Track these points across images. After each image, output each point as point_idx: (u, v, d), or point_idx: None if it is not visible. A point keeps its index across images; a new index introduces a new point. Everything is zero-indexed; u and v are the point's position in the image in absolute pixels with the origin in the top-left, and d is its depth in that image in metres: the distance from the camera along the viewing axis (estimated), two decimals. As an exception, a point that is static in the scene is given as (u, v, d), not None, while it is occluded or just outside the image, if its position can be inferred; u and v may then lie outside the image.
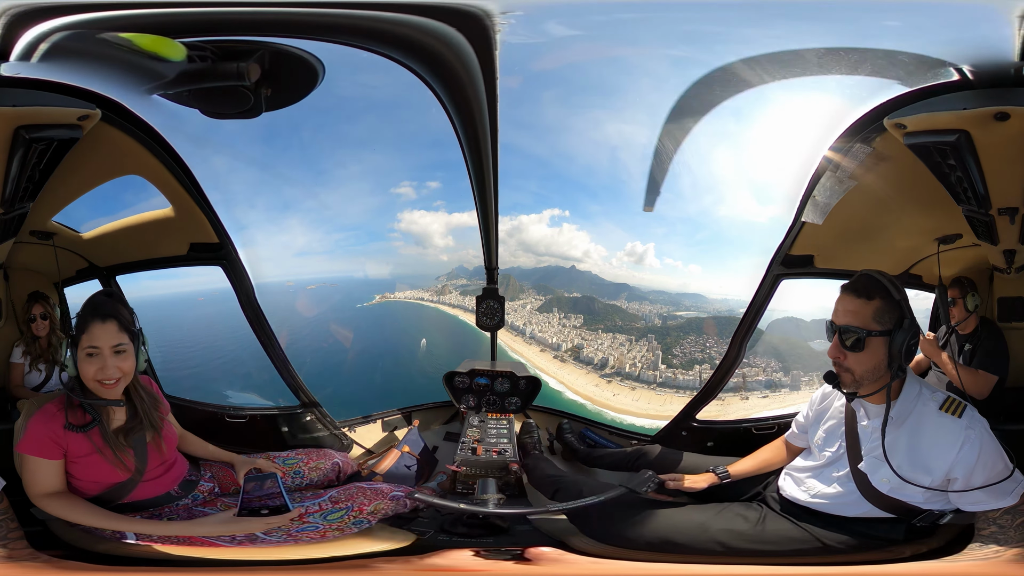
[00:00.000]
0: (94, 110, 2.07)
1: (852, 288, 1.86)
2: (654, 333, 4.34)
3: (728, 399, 3.21)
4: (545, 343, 4.97)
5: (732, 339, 2.86)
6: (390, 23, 2.10)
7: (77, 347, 1.85)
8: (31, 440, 1.85)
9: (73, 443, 1.87)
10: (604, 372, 4.47)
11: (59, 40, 1.93)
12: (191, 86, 2.15)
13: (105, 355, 1.85)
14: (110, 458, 1.91)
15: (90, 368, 1.85)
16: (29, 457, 1.85)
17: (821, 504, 2.02)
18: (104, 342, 1.84)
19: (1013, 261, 2.28)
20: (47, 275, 2.56)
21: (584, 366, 4.66)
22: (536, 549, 2.06)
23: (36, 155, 2.03)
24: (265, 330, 2.88)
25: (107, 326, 1.85)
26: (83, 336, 1.85)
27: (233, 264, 2.79)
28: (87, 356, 1.85)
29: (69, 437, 1.87)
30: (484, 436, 2.80)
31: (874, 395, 1.91)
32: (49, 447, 1.85)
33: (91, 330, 1.84)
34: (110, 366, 1.85)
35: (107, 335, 1.85)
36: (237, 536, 1.97)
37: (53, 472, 1.86)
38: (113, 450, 1.90)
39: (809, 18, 2.04)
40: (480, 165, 2.79)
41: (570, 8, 2.19)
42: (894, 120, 2.01)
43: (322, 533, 2.07)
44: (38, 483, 1.86)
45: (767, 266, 2.69)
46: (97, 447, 1.89)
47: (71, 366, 1.86)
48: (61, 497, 1.87)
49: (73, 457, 1.88)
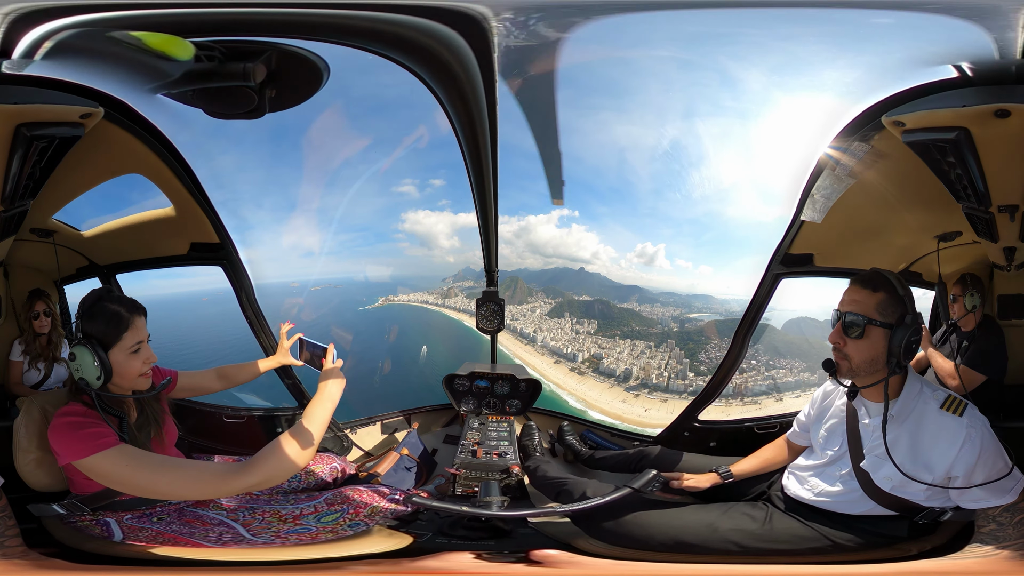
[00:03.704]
0: (97, 108, 2.08)
1: (860, 279, 1.90)
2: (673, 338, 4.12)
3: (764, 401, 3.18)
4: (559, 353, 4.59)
5: (733, 338, 2.86)
6: (391, 24, 2.12)
7: (110, 348, 1.80)
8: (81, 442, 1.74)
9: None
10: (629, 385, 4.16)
11: (63, 38, 1.93)
12: (196, 86, 2.16)
13: (147, 346, 1.88)
14: None
15: (137, 362, 1.84)
16: (98, 457, 1.73)
17: (825, 502, 2.02)
18: (144, 334, 1.88)
19: (1013, 258, 2.28)
20: (47, 273, 2.55)
21: (606, 379, 4.30)
22: (542, 552, 2.03)
23: (37, 152, 2.03)
24: (265, 331, 2.88)
25: (143, 318, 1.88)
26: (126, 334, 1.82)
27: (233, 264, 2.79)
28: (132, 353, 1.83)
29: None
30: (484, 439, 2.79)
31: (874, 393, 1.93)
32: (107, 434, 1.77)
33: (136, 325, 1.84)
34: (152, 355, 1.89)
35: (144, 327, 1.88)
36: (224, 537, 1.96)
37: (133, 453, 1.77)
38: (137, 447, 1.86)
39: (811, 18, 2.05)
40: (480, 166, 2.81)
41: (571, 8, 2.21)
42: (893, 117, 2.01)
43: (314, 535, 2.05)
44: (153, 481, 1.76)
45: (767, 265, 2.70)
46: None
47: (102, 373, 1.79)
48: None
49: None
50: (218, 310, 2.88)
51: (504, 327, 3.37)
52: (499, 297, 3.34)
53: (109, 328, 1.80)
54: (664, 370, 4.04)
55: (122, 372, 1.82)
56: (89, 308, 1.82)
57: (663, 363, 4.07)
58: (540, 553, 2.03)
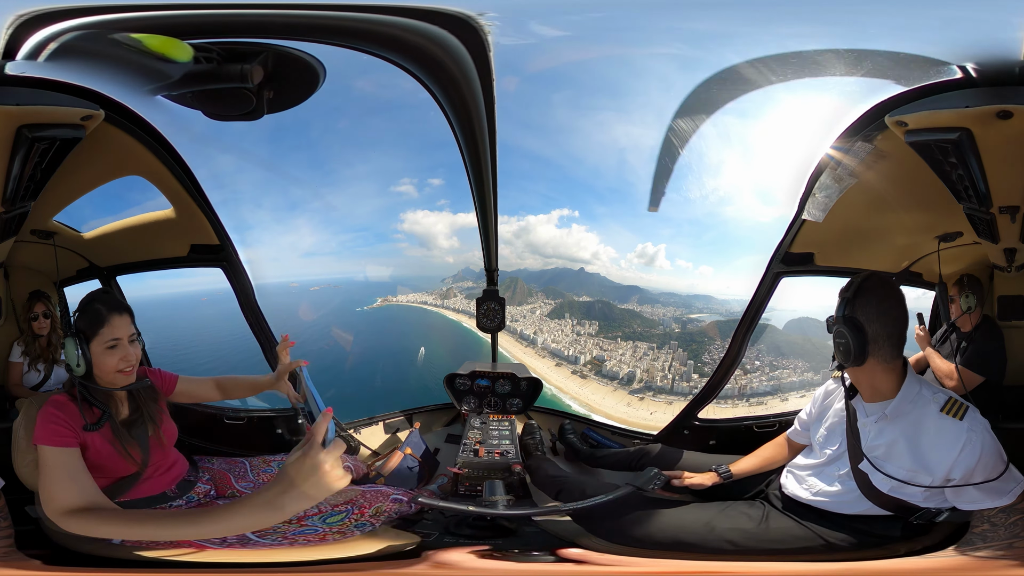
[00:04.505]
0: (97, 110, 2.08)
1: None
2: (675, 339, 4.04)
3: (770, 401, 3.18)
4: (560, 356, 4.48)
5: (733, 337, 2.86)
6: (387, 26, 2.12)
7: (91, 343, 1.90)
8: (46, 431, 1.81)
9: (89, 438, 1.88)
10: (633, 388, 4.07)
11: (65, 41, 1.94)
12: (195, 87, 2.16)
13: (125, 345, 1.93)
14: (120, 450, 1.93)
15: (112, 359, 1.91)
16: (48, 449, 1.79)
17: (822, 502, 2.03)
18: (123, 332, 1.93)
19: (1013, 259, 2.29)
20: (47, 274, 2.56)
21: (609, 382, 4.21)
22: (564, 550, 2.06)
23: (38, 154, 2.04)
24: (265, 332, 2.88)
25: (124, 318, 1.94)
26: (103, 330, 1.90)
27: (233, 266, 2.79)
28: (108, 349, 1.91)
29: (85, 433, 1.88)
30: (486, 438, 2.79)
31: (869, 393, 1.94)
32: (67, 436, 1.83)
33: (112, 322, 1.91)
34: (131, 354, 1.93)
35: (125, 326, 1.94)
36: (228, 538, 1.96)
37: (74, 460, 1.80)
38: (122, 443, 1.93)
39: (812, 17, 2.05)
40: (479, 166, 2.80)
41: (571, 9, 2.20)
42: (896, 118, 2.02)
43: (321, 536, 2.06)
44: (58, 480, 1.75)
45: (767, 264, 2.70)
46: (107, 439, 1.91)
47: (83, 364, 1.89)
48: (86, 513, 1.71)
49: (89, 453, 1.88)
50: (218, 310, 2.88)
51: (504, 326, 3.37)
52: (500, 296, 3.35)
53: (90, 324, 1.90)
54: (668, 372, 3.98)
55: (99, 366, 1.91)
56: (80, 305, 1.94)
57: (666, 365, 4.01)
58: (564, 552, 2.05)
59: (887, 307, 1.86)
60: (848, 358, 1.89)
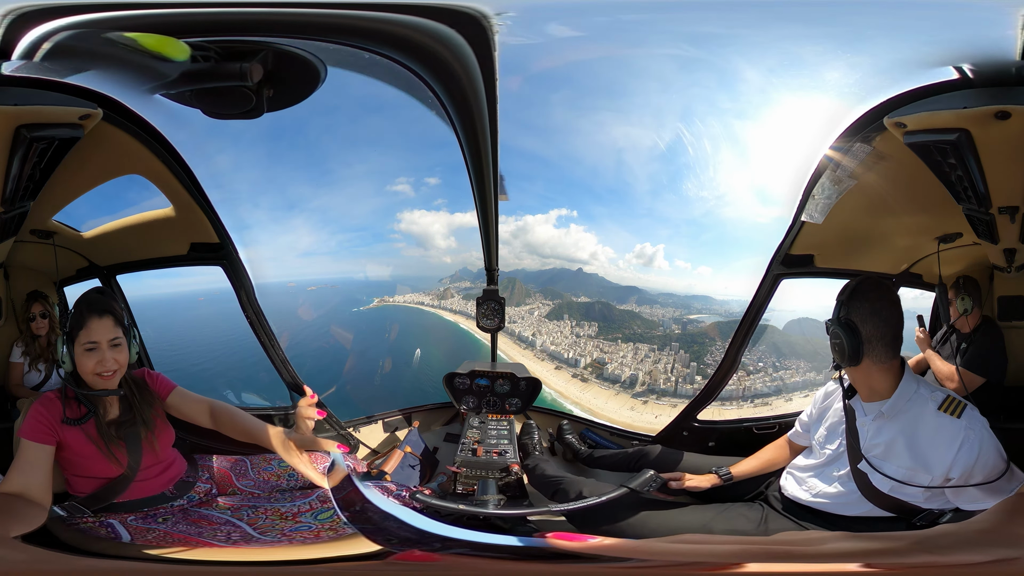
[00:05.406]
0: (95, 109, 2.08)
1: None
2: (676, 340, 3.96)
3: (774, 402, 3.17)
4: (560, 358, 4.32)
5: (732, 338, 2.86)
6: (389, 24, 2.11)
7: (74, 343, 1.91)
8: (27, 424, 1.88)
9: (69, 435, 1.90)
10: (636, 391, 3.95)
11: (62, 39, 1.94)
12: (193, 86, 2.16)
13: (103, 348, 1.93)
14: (103, 450, 1.93)
15: (89, 362, 1.91)
16: (23, 441, 1.87)
17: (822, 504, 2.02)
18: (102, 336, 1.92)
19: (1013, 260, 2.28)
20: (47, 274, 2.56)
21: (610, 385, 4.07)
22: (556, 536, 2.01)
23: (37, 154, 2.04)
24: (266, 330, 2.88)
25: (104, 321, 1.93)
26: (81, 332, 1.91)
27: (233, 264, 2.78)
28: (86, 351, 1.92)
29: (65, 429, 1.91)
30: (484, 437, 2.79)
31: (866, 392, 1.96)
32: (43, 432, 1.88)
33: (89, 325, 1.92)
34: (108, 359, 1.93)
35: (104, 329, 1.93)
36: (232, 536, 1.98)
37: (41, 457, 1.86)
38: (105, 442, 1.94)
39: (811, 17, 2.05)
40: (480, 165, 2.79)
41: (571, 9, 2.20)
42: (894, 119, 2.02)
43: (316, 533, 2.06)
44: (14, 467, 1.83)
45: (767, 266, 2.69)
46: (91, 439, 1.93)
47: (68, 362, 1.92)
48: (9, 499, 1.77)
49: (68, 450, 1.90)
50: (218, 310, 2.88)
51: (504, 326, 3.37)
52: (499, 295, 3.34)
53: (73, 324, 1.93)
54: (671, 374, 3.93)
55: (80, 366, 1.93)
56: (73, 304, 1.98)
57: (668, 366, 3.96)
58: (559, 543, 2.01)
59: (879, 308, 1.89)
60: (844, 358, 1.93)
